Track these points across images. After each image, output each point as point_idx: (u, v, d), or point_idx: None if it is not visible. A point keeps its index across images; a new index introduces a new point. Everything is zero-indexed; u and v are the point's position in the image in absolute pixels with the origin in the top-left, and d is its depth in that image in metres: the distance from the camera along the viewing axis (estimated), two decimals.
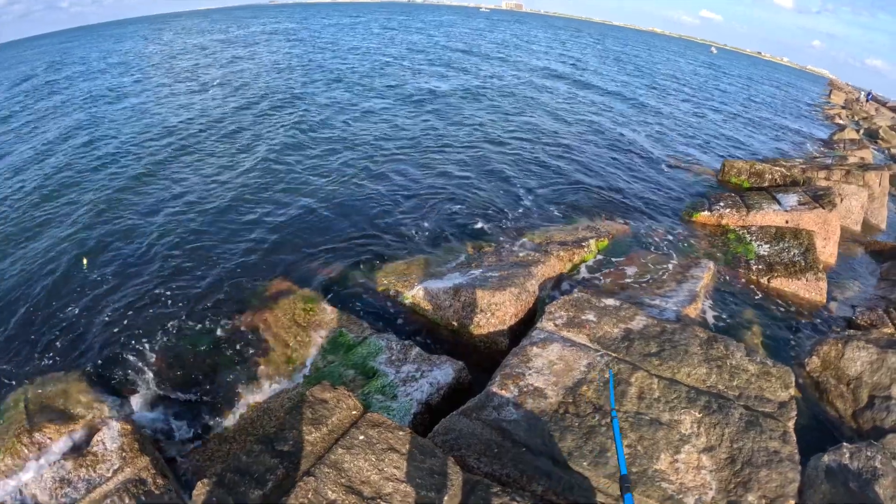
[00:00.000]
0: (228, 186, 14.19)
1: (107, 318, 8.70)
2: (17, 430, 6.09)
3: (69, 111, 24.72)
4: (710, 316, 8.90)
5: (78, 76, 36.10)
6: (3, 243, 11.92)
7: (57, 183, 15.27)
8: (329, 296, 8.53)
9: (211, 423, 6.53)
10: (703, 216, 12.27)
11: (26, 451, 5.92)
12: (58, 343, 8.32)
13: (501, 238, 10.42)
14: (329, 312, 7.76)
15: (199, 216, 12.41)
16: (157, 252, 10.85)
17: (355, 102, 23.74)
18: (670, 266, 9.42)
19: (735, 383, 6.02)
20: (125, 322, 8.57)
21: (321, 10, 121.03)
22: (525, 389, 5.89)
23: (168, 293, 9.25)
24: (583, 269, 9.07)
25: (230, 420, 6.49)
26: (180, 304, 8.95)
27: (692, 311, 8.39)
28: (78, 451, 5.63)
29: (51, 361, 7.89)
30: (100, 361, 7.74)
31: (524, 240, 9.89)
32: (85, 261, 10.45)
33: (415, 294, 8.14)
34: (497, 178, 14.85)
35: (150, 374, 7.48)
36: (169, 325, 8.39)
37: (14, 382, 7.41)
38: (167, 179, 14.99)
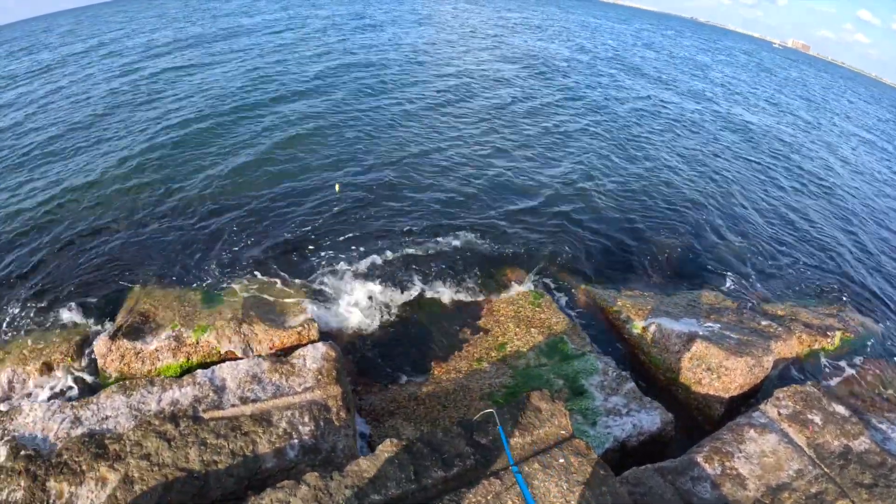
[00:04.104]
0: (511, 159, 14.81)
1: (338, 248, 9.46)
2: (230, 317, 6.42)
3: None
4: None
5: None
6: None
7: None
8: (559, 299, 8.39)
9: (407, 375, 6.52)
10: None
11: (232, 337, 6.24)
12: (292, 254, 9.24)
13: (746, 296, 9.51)
14: (555, 315, 7.51)
15: (467, 179, 13.07)
16: (417, 202, 11.61)
17: (676, 125, 22.92)
18: None
19: None
20: (353, 255, 9.25)
21: (597, 8, 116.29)
22: (728, 471, 5.24)
23: (412, 244, 9.79)
24: (821, 359, 7.95)
25: (426, 381, 6.43)
26: (418, 257, 9.43)
27: None
28: (277, 356, 5.78)
29: (279, 268, 8.72)
30: (323, 284, 8.39)
31: (768, 307, 8.88)
32: (338, 187, 11.12)
33: (646, 327, 7.63)
34: (766, 233, 13.66)
35: (366, 309, 7.93)
36: (400, 270, 8.88)
37: (242, 275, 8.05)
38: (458, 141, 15.93)
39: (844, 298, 10.71)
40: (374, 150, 14.29)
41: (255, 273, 8.30)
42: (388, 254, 9.27)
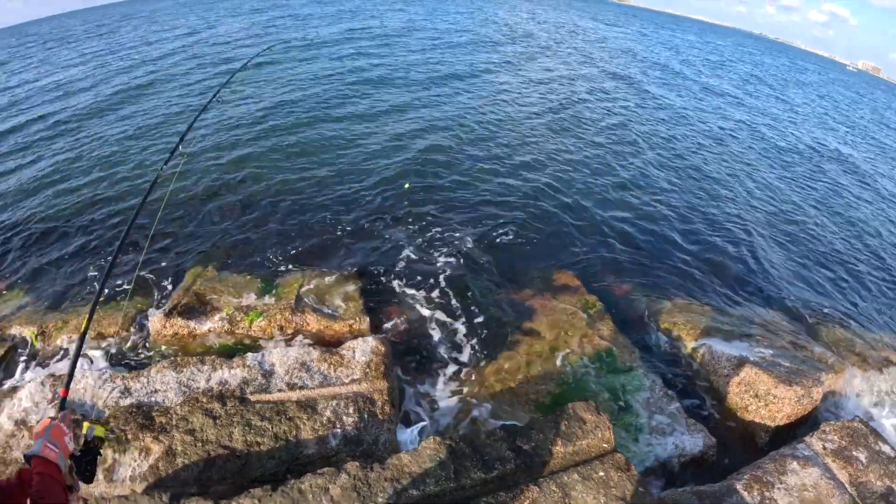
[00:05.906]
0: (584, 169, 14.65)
1: (398, 244, 9.53)
2: (284, 304, 6.60)
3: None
4: None
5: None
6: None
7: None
8: (611, 309, 8.17)
9: (455, 373, 6.58)
10: None
11: (283, 325, 6.41)
12: (351, 247, 9.33)
13: (803, 321, 9.23)
14: (606, 326, 7.47)
15: (533, 185, 12.90)
16: (481, 202, 11.65)
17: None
18: None
19: None
20: (413, 251, 9.30)
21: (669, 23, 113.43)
22: (766, 501, 5.16)
23: (471, 242, 9.79)
24: (873, 395, 7.75)
25: (474, 380, 6.49)
26: (477, 254, 9.42)
27: None
28: (327, 347, 5.91)
29: (337, 259, 8.85)
30: (379, 278, 8.45)
31: (825, 334, 8.60)
32: (407, 185, 11.36)
33: (696, 347, 7.53)
34: (833, 257, 12.98)
35: (417, 306, 7.93)
36: (456, 267, 8.85)
37: (299, 264, 8.26)
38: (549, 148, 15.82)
39: None
40: (451, 152, 14.32)
41: (313, 263, 8.42)
42: (447, 250, 9.33)
